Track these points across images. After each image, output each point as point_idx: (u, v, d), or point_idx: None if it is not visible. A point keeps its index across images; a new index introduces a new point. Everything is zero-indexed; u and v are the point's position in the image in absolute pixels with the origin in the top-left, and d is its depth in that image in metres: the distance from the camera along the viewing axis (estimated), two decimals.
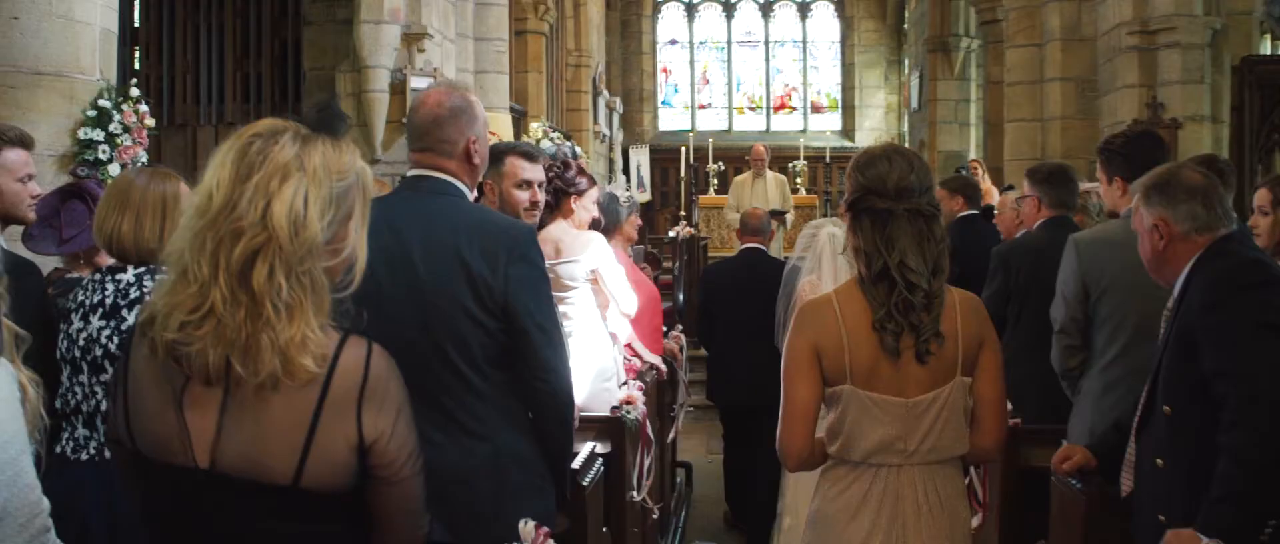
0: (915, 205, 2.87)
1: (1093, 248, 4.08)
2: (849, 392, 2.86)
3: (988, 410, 2.96)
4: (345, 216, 1.95)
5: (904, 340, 2.83)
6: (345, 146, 1.97)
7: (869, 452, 2.87)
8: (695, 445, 9.53)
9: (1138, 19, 9.82)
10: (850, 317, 2.86)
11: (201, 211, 1.86)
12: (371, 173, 2.04)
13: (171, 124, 12.03)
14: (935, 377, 2.86)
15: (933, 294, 2.85)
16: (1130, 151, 4.19)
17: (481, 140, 3.13)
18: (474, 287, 2.92)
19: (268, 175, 1.85)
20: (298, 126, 1.94)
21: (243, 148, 1.89)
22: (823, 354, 2.86)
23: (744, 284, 7.19)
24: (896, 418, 2.84)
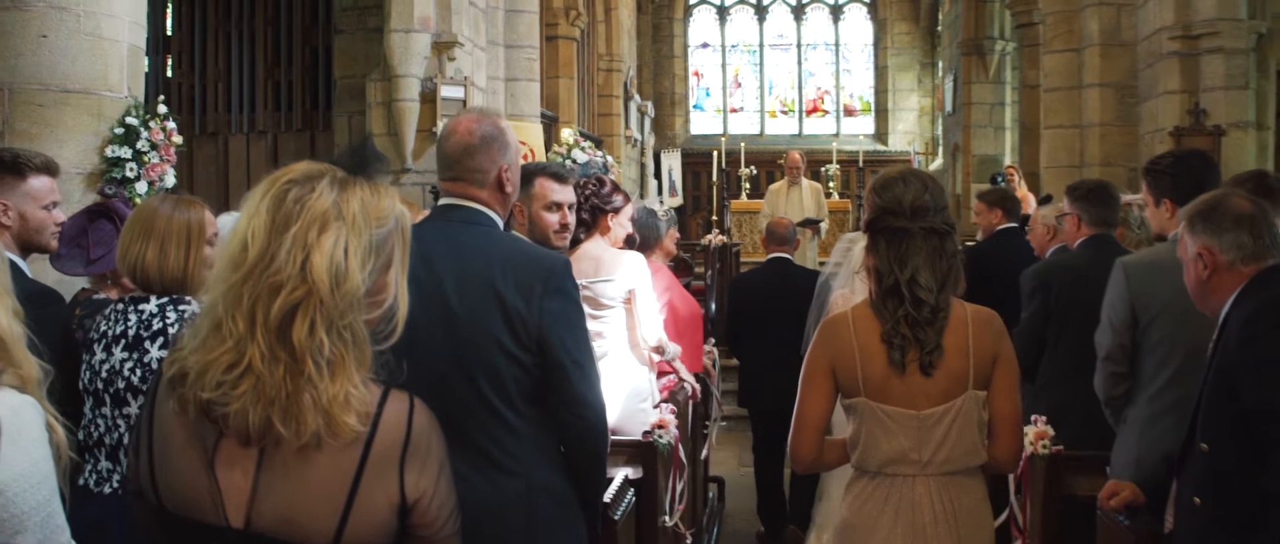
0: (929, 224, 3.02)
1: (1142, 272, 3.95)
2: (863, 404, 3.02)
3: (1001, 424, 3.07)
4: (385, 264, 1.87)
5: (910, 354, 2.98)
6: (383, 190, 1.89)
7: (884, 462, 3.03)
8: (727, 458, 9.42)
9: (1179, 23, 9.64)
10: (863, 332, 3.03)
11: (236, 264, 1.78)
12: (409, 216, 1.95)
13: (203, 132, 12.05)
14: (947, 390, 2.98)
15: (938, 309, 2.98)
16: (1178, 172, 4.05)
17: (514, 168, 3.05)
18: (508, 320, 2.83)
19: (306, 225, 1.77)
20: (334, 170, 1.86)
21: (278, 196, 1.81)
22: (837, 368, 3.05)
23: (771, 292, 7.26)
24: (908, 430, 2.99)
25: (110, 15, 5.42)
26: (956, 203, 19.63)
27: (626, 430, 4.66)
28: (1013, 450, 3.13)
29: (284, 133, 11.94)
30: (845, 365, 3.03)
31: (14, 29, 5.26)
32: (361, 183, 1.85)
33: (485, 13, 11.01)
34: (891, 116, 24.69)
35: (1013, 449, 3.13)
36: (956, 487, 3.03)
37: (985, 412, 3.03)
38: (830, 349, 3.06)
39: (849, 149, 22.00)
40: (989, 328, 3.08)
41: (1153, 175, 4.14)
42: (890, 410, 3.00)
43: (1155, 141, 10.10)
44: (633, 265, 4.84)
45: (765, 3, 25.31)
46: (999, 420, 3.07)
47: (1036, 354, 5.02)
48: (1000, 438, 3.08)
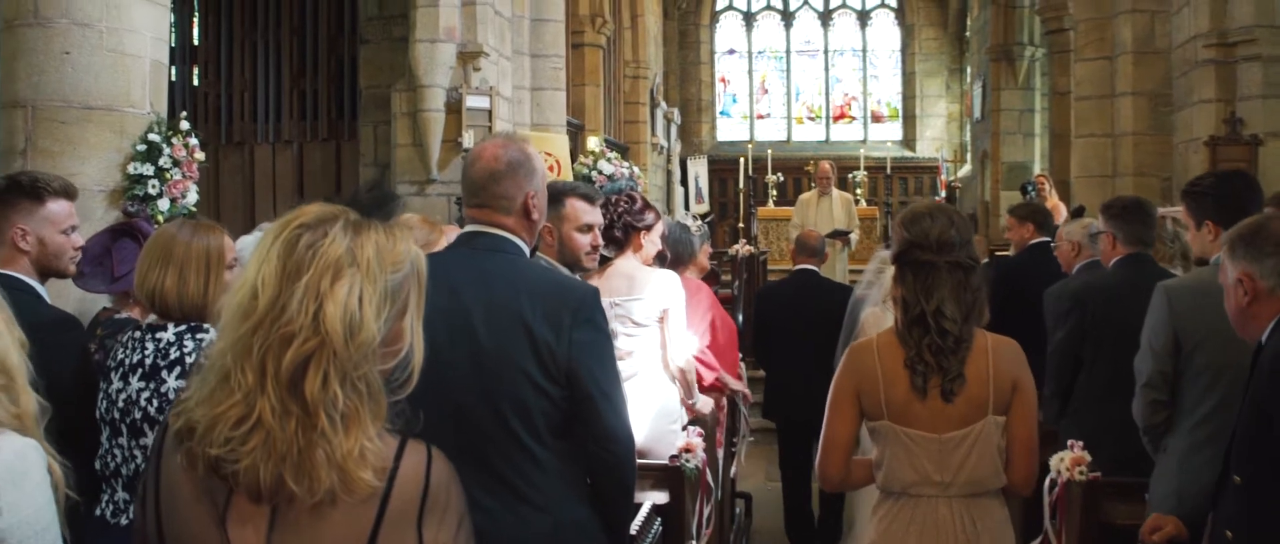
0: (955, 258, 3.15)
1: (1185, 297, 3.83)
2: (887, 427, 3.16)
3: (1018, 448, 3.19)
4: (401, 311, 1.79)
5: (932, 381, 3.11)
6: (399, 233, 1.81)
7: (907, 483, 3.16)
8: (755, 472, 9.32)
9: (1215, 31, 9.47)
10: (887, 359, 3.17)
11: (246, 313, 1.70)
12: (424, 259, 1.88)
13: (229, 142, 12.09)
14: (967, 415, 3.11)
15: (961, 339, 3.10)
16: (1219, 193, 3.93)
17: (540, 194, 2.98)
18: (537, 352, 2.76)
19: (318, 273, 1.69)
20: (347, 213, 1.78)
21: (289, 241, 1.72)
22: (862, 393, 3.19)
23: (798, 304, 7.24)
24: (930, 453, 3.12)
25: (133, 31, 5.39)
26: (985, 210, 19.49)
27: (655, 452, 4.59)
28: (1028, 474, 3.24)
29: (310, 142, 11.95)
30: (869, 390, 3.17)
31: (37, 46, 5.24)
32: (376, 226, 1.78)
33: (511, 22, 10.97)
34: (919, 123, 24.53)
35: (1028, 473, 3.24)
36: (979, 507, 3.16)
37: (1004, 437, 3.16)
38: (855, 374, 3.21)
39: (876, 155, 21.89)
40: (1009, 356, 3.19)
41: (1193, 197, 4.02)
42: (913, 434, 3.12)
43: (1190, 151, 9.96)
44: (667, 284, 4.78)
45: (792, 8, 25.21)
46: (1015, 444, 3.19)
47: (1071, 376, 4.91)
48: (1016, 461, 3.19)
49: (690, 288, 5.76)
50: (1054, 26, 15.52)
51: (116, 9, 5.31)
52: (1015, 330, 6.66)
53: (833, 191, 13.13)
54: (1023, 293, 6.66)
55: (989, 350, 3.15)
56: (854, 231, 13.08)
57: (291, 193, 11.95)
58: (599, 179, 10.21)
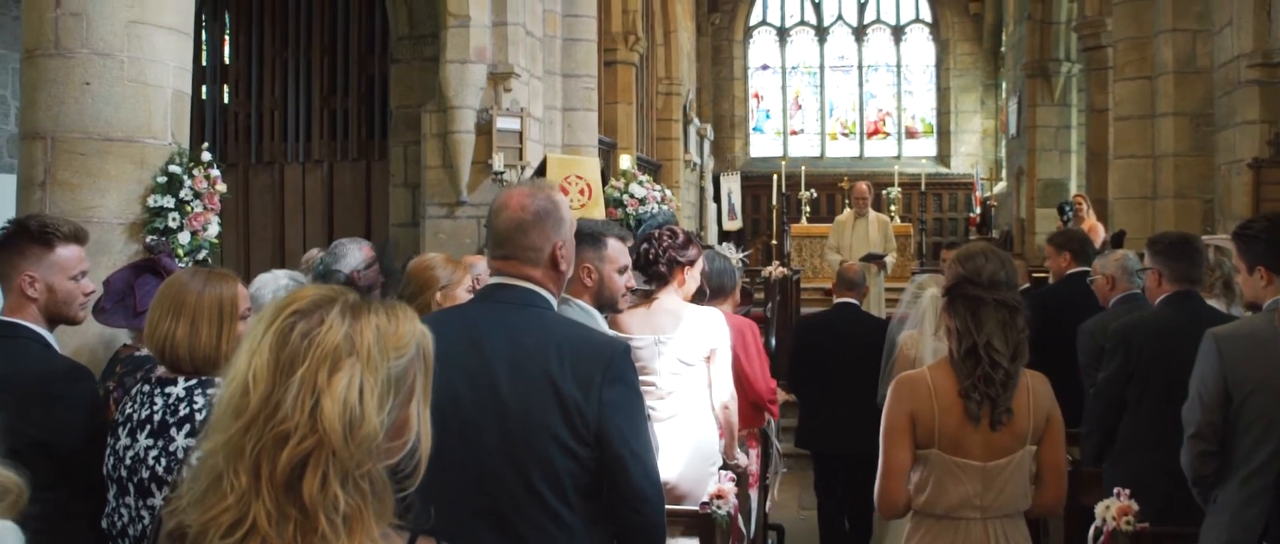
0: (1002, 297, 3.39)
1: (1235, 345, 3.67)
2: (936, 455, 3.37)
3: (1051, 474, 3.50)
4: (406, 398, 1.67)
5: (984, 410, 3.34)
6: (402, 313, 1.69)
7: (951, 507, 3.40)
8: (788, 501, 9.17)
9: (1259, 50, 9.24)
10: (942, 392, 3.38)
11: (237, 410, 1.57)
12: (431, 339, 1.75)
13: (259, 161, 12.06)
14: (1008, 445, 3.38)
15: (1011, 375, 3.35)
16: (1273, 237, 3.76)
17: (568, 245, 2.87)
18: (565, 412, 2.64)
19: (314, 365, 1.56)
20: (346, 295, 1.66)
21: (282, 331, 1.59)
22: (918, 421, 3.38)
23: (838, 338, 7.23)
24: (975, 479, 3.37)
25: (155, 61, 5.31)
26: (1021, 227, 19.27)
27: (691, 494, 4.49)
28: (1059, 496, 3.56)
29: (340, 162, 11.91)
30: (924, 419, 3.37)
31: (57, 77, 5.16)
32: (377, 308, 1.66)
33: (543, 42, 10.89)
34: (954, 139, 24.32)
35: (1058, 495, 3.55)
36: (1010, 526, 3.46)
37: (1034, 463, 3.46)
38: (910, 404, 3.40)
39: (911, 172, 21.74)
40: (1044, 392, 3.48)
41: (1245, 240, 3.84)
42: (961, 462, 3.36)
43: (1232, 173, 9.74)
44: (715, 324, 4.66)
45: (826, 24, 25.06)
46: (1048, 470, 3.49)
47: (1115, 417, 4.75)
48: (1049, 486, 3.50)
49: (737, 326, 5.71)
50: (1091, 43, 15.30)
51: (138, 38, 5.24)
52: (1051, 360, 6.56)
53: (869, 213, 12.96)
54: (1058, 323, 6.53)
55: (1029, 387, 3.42)
56: (890, 255, 12.90)
57: (321, 213, 11.91)
58: (631, 203, 10.09)
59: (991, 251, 3.52)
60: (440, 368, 2.70)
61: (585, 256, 3.77)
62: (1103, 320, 5.56)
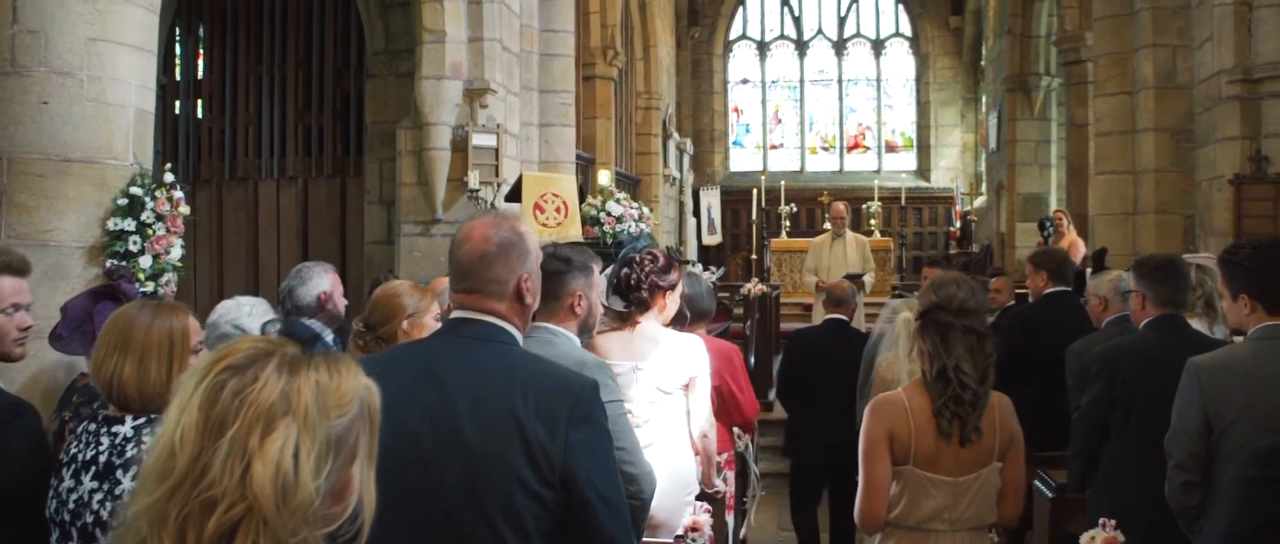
0: (971, 324, 3.59)
1: (1216, 375, 3.61)
2: (910, 471, 3.57)
3: (1011, 490, 3.71)
4: (348, 459, 1.54)
5: (954, 427, 3.53)
6: (345, 367, 1.56)
7: (922, 519, 3.60)
8: (767, 523, 9.04)
9: (1240, 66, 9.21)
10: (917, 411, 3.58)
11: (161, 474, 1.44)
12: (377, 393, 1.63)
13: (233, 178, 11.89)
14: (976, 462, 3.58)
15: (980, 396, 3.56)
16: (1257, 265, 3.67)
17: (534, 277, 2.75)
18: (530, 452, 2.52)
19: (246, 426, 1.44)
20: (284, 347, 1.53)
21: (212, 389, 1.47)
22: (895, 439, 3.58)
23: (826, 353, 7.49)
24: (946, 493, 3.57)
25: (116, 79, 5.16)
26: (1001, 241, 19.24)
27: (667, 524, 4.37)
28: (1018, 510, 3.81)
29: (315, 178, 11.75)
30: (901, 437, 3.56)
31: (13, 95, 5.00)
32: (317, 362, 1.53)
33: (520, 57, 10.76)
34: (934, 153, 24.34)
35: (1017, 509, 3.79)
36: (975, 538, 3.66)
37: (999, 479, 3.65)
38: (888, 423, 3.59)
39: (891, 186, 21.71)
40: (1007, 412, 3.69)
41: (1229, 267, 3.77)
42: (933, 477, 3.56)
43: (1213, 189, 9.70)
44: (694, 352, 4.55)
45: (806, 38, 25.05)
46: (1009, 486, 3.70)
47: (1098, 442, 4.65)
48: (1009, 500, 3.72)
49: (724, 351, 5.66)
50: (1071, 58, 15.31)
51: (98, 57, 5.08)
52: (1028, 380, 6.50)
53: (846, 232, 12.88)
54: (1037, 343, 6.47)
55: (995, 407, 3.63)
56: (868, 274, 12.80)
57: (296, 230, 11.75)
58: (608, 220, 9.97)
59: (963, 280, 3.70)
60: (399, 406, 2.58)
61: (577, 286, 3.67)
62: (1091, 342, 5.49)
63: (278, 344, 1.52)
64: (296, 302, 5.08)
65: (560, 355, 3.60)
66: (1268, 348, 3.60)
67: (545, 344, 3.62)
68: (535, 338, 3.64)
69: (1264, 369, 3.56)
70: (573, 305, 3.70)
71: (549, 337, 3.64)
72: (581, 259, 3.75)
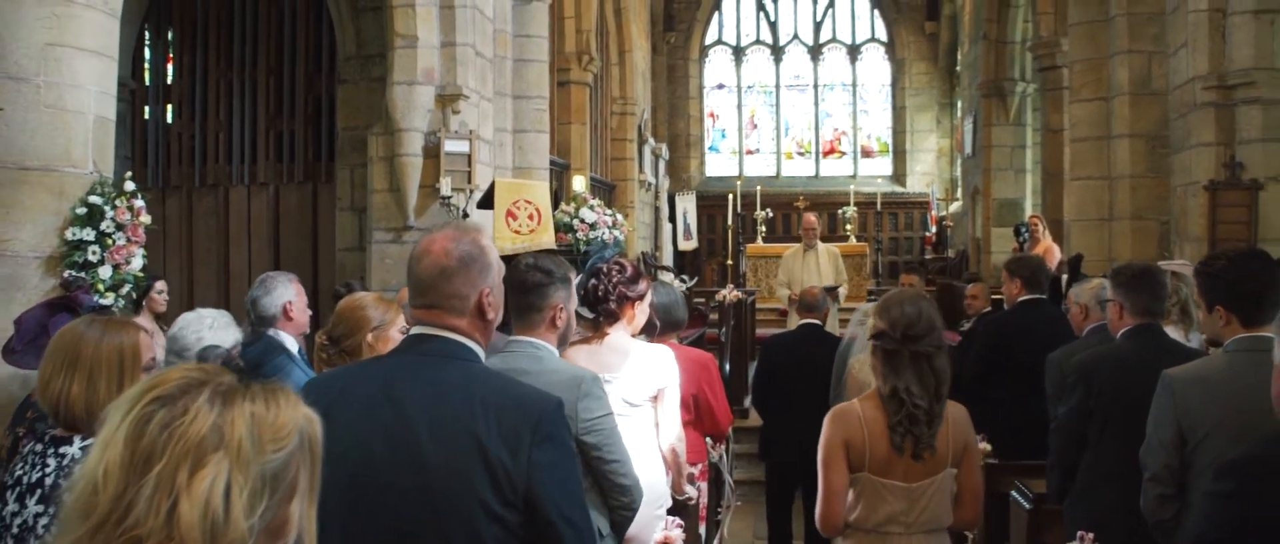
0: (919, 349, 3.70)
1: (1189, 388, 3.57)
2: (866, 477, 3.75)
3: (967, 496, 3.89)
4: (286, 496, 1.43)
5: (907, 443, 3.69)
6: (282, 398, 1.45)
7: (879, 523, 3.76)
8: (741, 531, 8.98)
9: (1214, 73, 9.18)
10: (870, 422, 3.74)
11: (84, 512, 1.34)
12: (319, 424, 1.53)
13: (203, 184, 11.76)
14: (930, 469, 3.74)
15: (933, 415, 3.70)
16: (1233, 277, 3.63)
17: (496, 292, 2.66)
18: (492, 475, 2.43)
19: (174, 462, 1.33)
20: (219, 376, 1.43)
21: (139, 421, 1.36)
22: (850, 448, 3.75)
23: (801, 357, 7.61)
24: (901, 498, 3.73)
25: (75, 86, 5.04)
26: (977, 246, 19.24)
27: (637, 536, 4.27)
28: (976, 514, 3.99)
29: (286, 185, 11.62)
30: (856, 446, 3.74)
31: None
32: (253, 392, 1.43)
33: (493, 63, 10.67)
34: (909, 158, 24.37)
35: (976, 513, 3.98)
36: (931, 540, 3.82)
37: (955, 484, 3.83)
38: (844, 432, 3.77)
39: (867, 191, 21.70)
40: (961, 422, 3.83)
41: (1205, 278, 3.72)
42: (888, 483, 3.73)
43: (1188, 195, 9.68)
44: (664, 363, 4.46)
45: (782, 43, 25.04)
46: (965, 492, 3.88)
47: (1076, 453, 4.59)
48: (966, 505, 3.89)
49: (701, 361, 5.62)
50: (1047, 64, 15.32)
51: (56, 62, 4.96)
52: (1003, 387, 6.43)
53: (818, 244, 12.71)
54: (1011, 351, 6.43)
55: (949, 418, 3.77)
56: (842, 287, 12.69)
57: (267, 237, 11.62)
58: (581, 227, 9.87)
59: (910, 298, 3.85)
60: (356, 426, 2.49)
61: (558, 299, 3.59)
62: (1071, 351, 5.44)
63: (212, 372, 1.43)
64: (261, 312, 4.98)
65: (549, 370, 3.54)
66: (1243, 360, 3.55)
67: (532, 359, 3.55)
68: (520, 352, 3.57)
69: (1238, 382, 3.51)
70: (554, 318, 3.62)
71: (533, 351, 3.57)
72: (561, 271, 3.68)
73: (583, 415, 3.51)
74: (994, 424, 6.40)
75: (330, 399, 2.52)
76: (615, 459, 3.61)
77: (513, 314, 3.66)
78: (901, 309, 3.75)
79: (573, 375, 3.55)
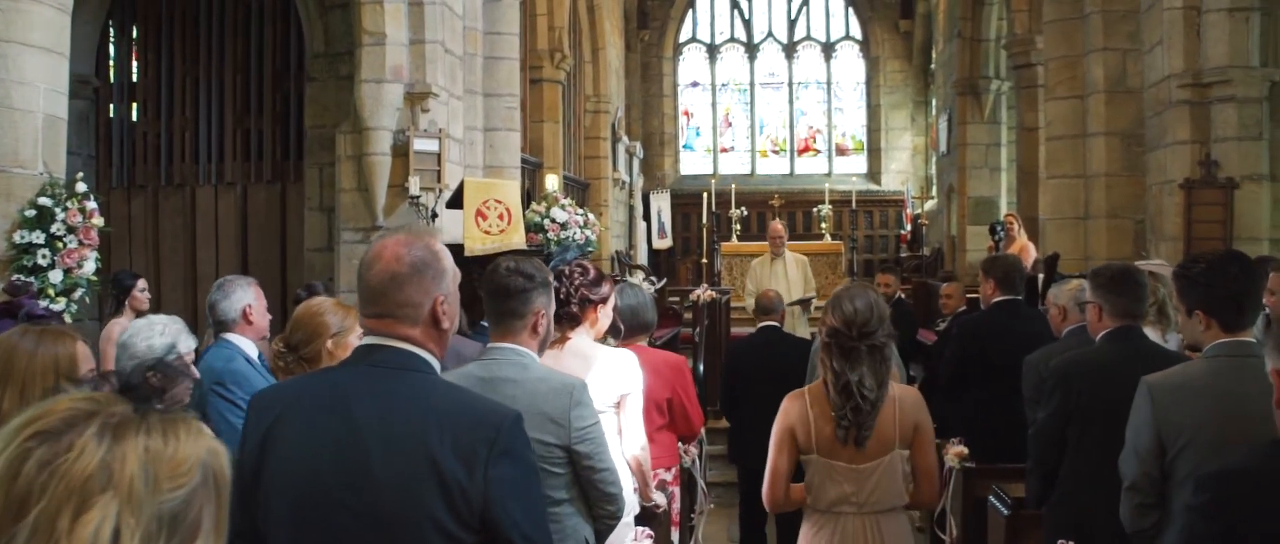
0: (873, 342, 3.91)
1: (1169, 395, 3.46)
2: (816, 460, 3.97)
3: (922, 475, 4.07)
4: (187, 538, 1.27)
5: (851, 432, 3.90)
6: (183, 428, 1.29)
7: (831, 503, 3.97)
8: (717, 533, 8.87)
9: (1189, 71, 9.15)
10: (817, 409, 3.97)
11: None
12: (227, 455, 1.37)
13: (169, 183, 11.58)
14: (878, 450, 3.93)
15: (876, 403, 3.90)
16: (1212, 281, 3.52)
17: (451, 299, 2.52)
18: (447, 493, 2.30)
19: (54, 505, 1.18)
20: (110, 406, 1.27)
21: (15, 459, 1.21)
22: (798, 434, 3.99)
23: (762, 358, 7.80)
24: (850, 479, 3.93)
25: (22, 83, 4.86)
26: (952, 244, 19.20)
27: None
28: (931, 493, 4.22)
29: (254, 184, 11.45)
30: (803, 431, 3.98)
31: None
32: (148, 424, 1.27)
33: (463, 61, 10.52)
34: (884, 156, 24.33)
35: (931, 491, 4.19)
36: (886, 520, 3.98)
37: (908, 465, 4.00)
38: (791, 418, 4.01)
39: (842, 189, 21.63)
40: (912, 405, 4.03)
41: (1184, 282, 3.60)
42: (836, 465, 3.94)
43: (1164, 194, 9.64)
44: (627, 368, 4.32)
45: (756, 41, 24.96)
46: (920, 472, 4.05)
47: (1055, 459, 4.48)
48: (922, 484, 4.07)
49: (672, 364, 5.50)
50: (1021, 61, 15.27)
51: (2, 58, 4.79)
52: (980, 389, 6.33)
53: (786, 253, 12.38)
54: (985, 353, 6.33)
55: (896, 400, 3.97)
56: (813, 295, 12.43)
57: (235, 237, 11.45)
58: (552, 227, 9.74)
59: (858, 292, 4.02)
60: (303, 442, 2.35)
61: (540, 304, 3.48)
62: (1049, 353, 5.33)
63: (103, 402, 1.26)
64: (219, 316, 4.83)
65: (536, 378, 3.43)
66: (1223, 366, 3.45)
67: (517, 367, 3.44)
68: (503, 360, 3.45)
69: (1219, 388, 3.41)
70: (536, 324, 3.50)
71: (517, 358, 3.45)
72: (542, 275, 3.56)
73: (575, 424, 3.42)
74: (971, 427, 6.31)
75: (277, 413, 2.39)
76: (605, 468, 3.51)
77: (491, 319, 3.55)
78: (852, 304, 3.94)
79: (563, 383, 3.45)
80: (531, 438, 3.39)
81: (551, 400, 3.43)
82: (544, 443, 3.41)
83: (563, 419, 3.42)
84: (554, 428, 3.42)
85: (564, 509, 3.44)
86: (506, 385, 3.43)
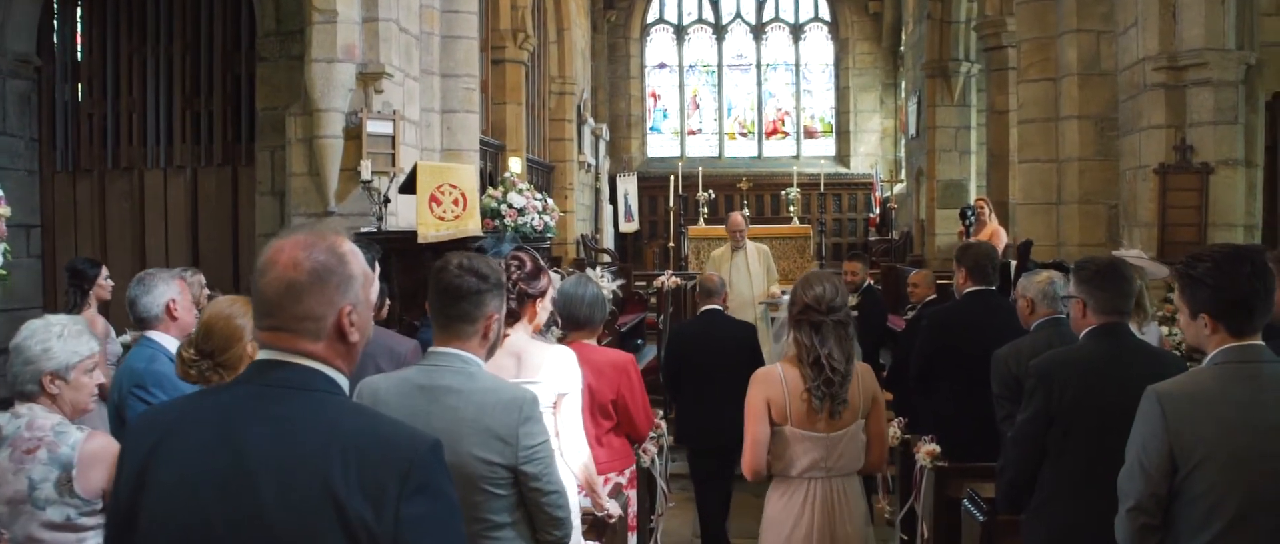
0: (839, 318, 4.39)
1: (1182, 406, 3.10)
2: (789, 430, 4.36)
3: (875, 442, 4.58)
4: None
5: (826, 403, 4.33)
6: None
7: (803, 469, 4.39)
8: (680, 528, 8.60)
9: (1165, 53, 8.91)
10: (790, 382, 4.36)
11: None
12: None
13: (116, 166, 11.21)
14: (844, 420, 4.39)
15: (846, 376, 4.35)
16: (1220, 283, 3.20)
17: (360, 308, 2.16)
18: (350, 534, 1.96)
19: None
20: None
21: None
22: (772, 405, 4.37)
23: (705, 342, 7.79)
24: (821, 446, 4.37)
25: None
26: (922, 228, 19.01)
27: None
28: (882, 456, 4.72)
29: (204, 168, 11.09)
30: (777, 403, 4.36)
31: None
32: None
33: (419, 40, 10.16)
34: (853, 138, 24.11)
35: (880, 456, 4.69)
36: (847, 483, 4.46)
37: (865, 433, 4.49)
38: (765, 391, 4.39)
39: (810, 172, 21.39)
40: (869, 379, 4.51)
41: (1189, 282, 3.26)
42: (809, 434, 4.36)
43: (1138, 179, 9.42)
44: (563, 365, 4.03)
45: (724, 22, 24.66)
46: (873, 438, 4.57)
47: (1035, 465, 4.19)
48: (873, 449, 4.57)
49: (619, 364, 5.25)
50: (992, 44, 15.06)
51: None
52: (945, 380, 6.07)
53: (747, 245, 11.87)
54: (956, 345, 6.06)
55: (858, 375, 4.42)
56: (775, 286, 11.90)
57: (185, 222, 11.09)
58: (509, 213, 9.40)
59: (824, 277, 4.51)
60: (184, 476, 2.03)
61: (493, 308, 3.25)
62: (1019, 348, 5.07)
63: None
64: (140, 313, 4.51)
65: (482, 389, 3.15)
66: (1233, 373, 3.12)
67: (462, 376, 3.17)
68: (446, 367, 3.16)
69: (1231, 398, 3.09)
70: (486, 329, 3.21)
71: (463, 366, 3.19)
72: (495, 276, 3.26)
73: (524, 442, 3.15)
74: (942, 425, 6.05)
75: (153, 442, 2.06)
76: (554, 490, 3.22)
77: (437, 321, 3.25)
78: (821, 287, 4.41)
79: (512, 397, 3.18)
80: (475, 456, 3.10)
81: (499, 415, 3.14)
82: (488, 461, 3.12)
83: (510, 437, 3.13)
84: (500, 446, 3.12)
85: (505, 534, 3.15)
86: (449, 395, 3.14)
